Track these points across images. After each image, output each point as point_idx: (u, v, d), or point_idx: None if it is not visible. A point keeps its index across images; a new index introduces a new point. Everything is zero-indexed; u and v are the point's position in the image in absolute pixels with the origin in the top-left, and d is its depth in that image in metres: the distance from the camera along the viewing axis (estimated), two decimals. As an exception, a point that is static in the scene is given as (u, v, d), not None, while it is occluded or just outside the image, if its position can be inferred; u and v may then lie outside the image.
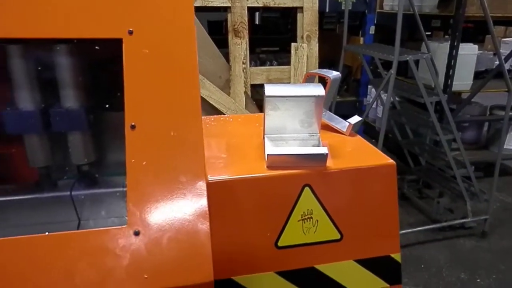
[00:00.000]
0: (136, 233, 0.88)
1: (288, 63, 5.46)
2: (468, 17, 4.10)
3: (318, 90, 1.11)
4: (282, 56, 5.96)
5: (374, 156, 1.14)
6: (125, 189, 1.32)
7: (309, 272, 1.08)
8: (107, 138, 1.29)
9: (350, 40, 4.68)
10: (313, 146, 1.13)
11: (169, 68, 0.99)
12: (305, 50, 4.01)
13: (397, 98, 4.35)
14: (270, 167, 1.07)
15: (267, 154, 1.06)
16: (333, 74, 1.28)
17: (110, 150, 1.35)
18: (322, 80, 1.35)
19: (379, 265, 1.11)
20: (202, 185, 0.92)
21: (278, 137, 1.16)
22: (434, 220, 3.68)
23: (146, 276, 0.86)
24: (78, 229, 1.17)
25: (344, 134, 1.31)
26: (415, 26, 4.04)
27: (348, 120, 1.31)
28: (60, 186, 1.34)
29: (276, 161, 1.06)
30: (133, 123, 0.94)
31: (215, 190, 0.95)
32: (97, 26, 0.97)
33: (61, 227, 1.18)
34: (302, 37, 3.94)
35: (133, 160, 0.91)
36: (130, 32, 0.98)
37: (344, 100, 4.76)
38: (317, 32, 4.04)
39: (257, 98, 4.30)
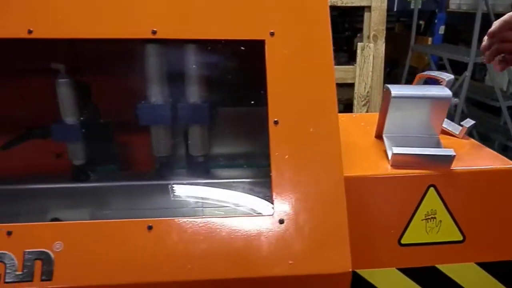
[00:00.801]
0: (281, 222, 0.94)
1: (345, 62, 5.38)
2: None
3: (445, 92, 1.12)
4: (339, 55, 5.89)
5: (497, 160, 1.14)
6: (233, 180, 1.42)
7: (430, 271, 1.10)
8: (227, 133, 1.39)
9: (417, 40, 4.55)
10: (434, 147, 1.14)
11: (307, 68, 1.04)
12: (372, 50, 3.96)
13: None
14: (394, 166, 1.10)
15: (393, 153, 1.08)
16: (448, 76, 1.28)
17: (224, 144, 1.44)
18: (433, 83, 1.35)
19: (502, 270, 1.10)
20: (340, 180, 0.97)
21: (397, 137, 1.18)
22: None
23: (291, 262, 0.92)
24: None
25: (457, 137, 1.30)
26: (485, 26, 3.87)
27: (462, 122, 1.30)
28: (176, 174, 1.45)
29: (400, 161, 1.09)
30: (276, 119, 1.00)
31: (347, 186, 1.00)
32: (243, 28, 1.05)
33: (187, 211, 1.28)
34: (368, 37, 3.90)
35: (276, 153, 0.98)
36: (272, 34, 1.05)
37: (407, 102, 4.63)
38: (384, 32, 3.97)
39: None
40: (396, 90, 1.13)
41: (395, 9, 4.52)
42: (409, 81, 5.35)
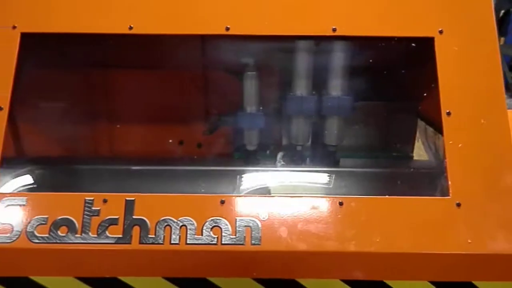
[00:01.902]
0: (458, 204, 1.03)
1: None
2: None
3: None
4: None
5: None
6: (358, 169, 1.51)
7: None
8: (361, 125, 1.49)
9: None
10: None
11: (476, 63, 1.12)
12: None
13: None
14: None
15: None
16: None
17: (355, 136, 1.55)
18: None
19: None
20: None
21: None
22: None
23: (469, 241, 1.00)
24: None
25: None
26: None
27: None
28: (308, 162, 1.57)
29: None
30: (448, 110, 1.09)
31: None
32: (413, 26, 1.14)
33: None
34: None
35: (450, 142, 1.07)
36: (441, 32, 1.14)
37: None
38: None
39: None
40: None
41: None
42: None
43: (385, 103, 1.55)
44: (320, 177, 1.35)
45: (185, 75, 1.71)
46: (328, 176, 1.33)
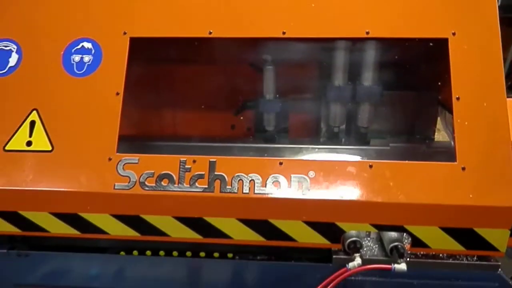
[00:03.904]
0: (463, 168, 1.32)
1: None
2: None
3: None
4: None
5: None
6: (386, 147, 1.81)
7: None
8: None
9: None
10: None
11: (481, 58, 1.40)
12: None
13: None
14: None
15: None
16: None
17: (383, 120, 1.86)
18: None
19: None
20: (508, 141, 1.32)
21: None
22: None
23: (471, 196, 1.29)
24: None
25: None
26: None
27: None
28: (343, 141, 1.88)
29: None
30: (457, 96, 1.38)
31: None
32: (431, 29, 1.44)
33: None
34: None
35: (459, 120, 1.36)
36: (453, 34, 1.42)
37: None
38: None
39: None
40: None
41: (499, 3, 4.46)
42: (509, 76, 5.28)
43: (410, 92, 1.84)
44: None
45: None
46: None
